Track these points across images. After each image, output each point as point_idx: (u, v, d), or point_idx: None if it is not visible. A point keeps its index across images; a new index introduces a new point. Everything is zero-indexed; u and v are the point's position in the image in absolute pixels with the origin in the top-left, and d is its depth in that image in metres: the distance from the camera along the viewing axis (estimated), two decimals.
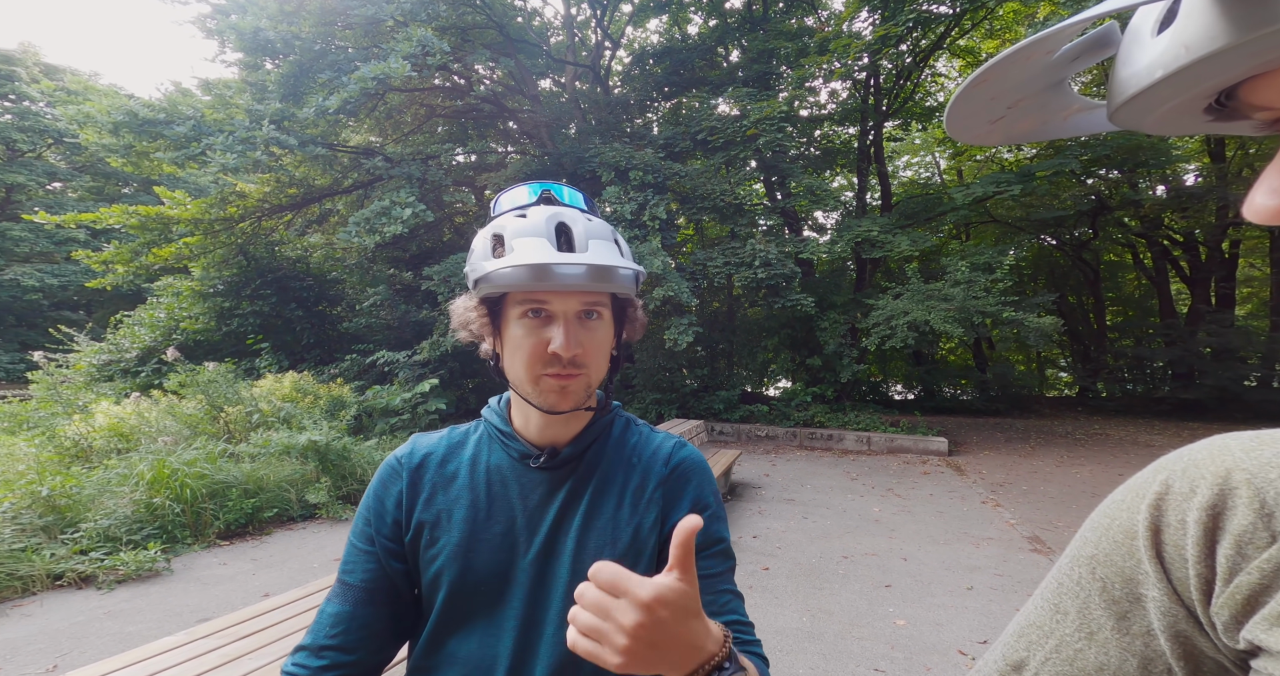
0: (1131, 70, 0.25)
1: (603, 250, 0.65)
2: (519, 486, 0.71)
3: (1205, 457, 0.35)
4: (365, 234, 7.07)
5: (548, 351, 0.65)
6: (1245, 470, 0.34)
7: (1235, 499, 0.34)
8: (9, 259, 15.87)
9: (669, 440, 0.78)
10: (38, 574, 3.02)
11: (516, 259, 0.61)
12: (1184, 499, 0.35)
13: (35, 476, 3.65)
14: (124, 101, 7.49)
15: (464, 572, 0.67)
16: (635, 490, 0.72)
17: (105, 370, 7.48)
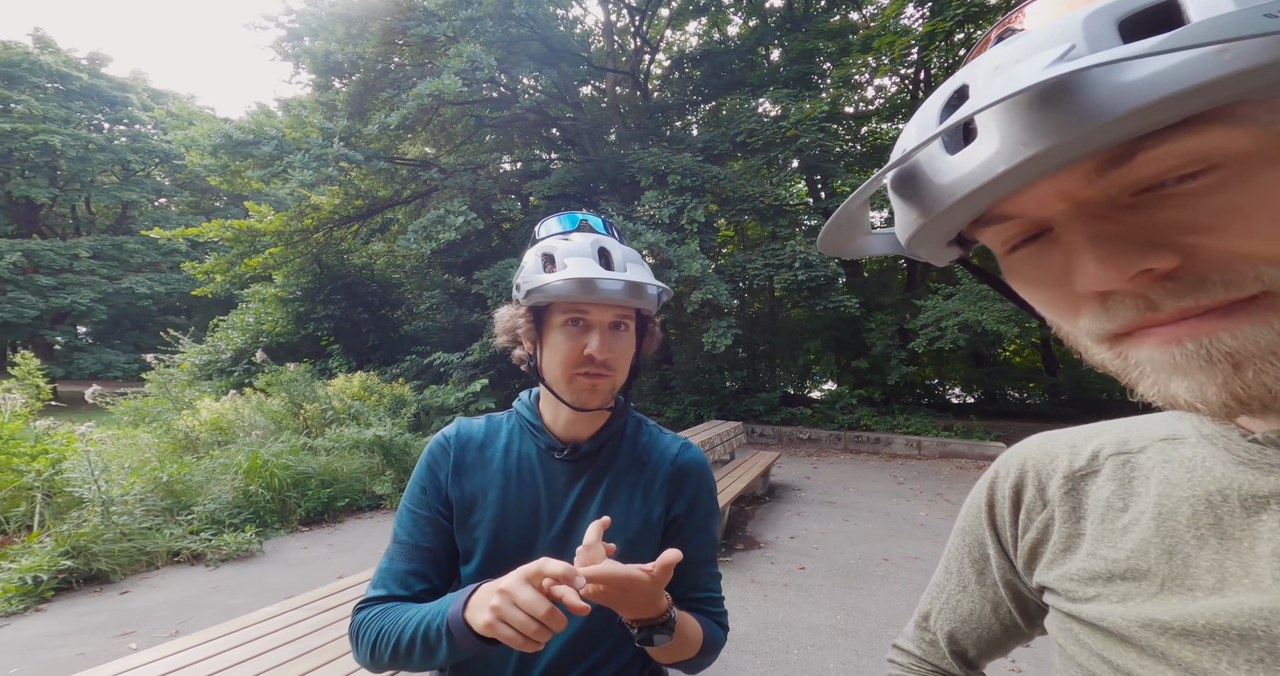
0: (901, 223, 0.31)
1: (638, 270, 0.78)
2: (544, 474, 0.82)
3: (1017, 451, 0.50)
4: (422, 241, 7.58)
5: (584, 354, 0.76)
6: (1034, 459, 0.48)
7: (1026, 479, 0.48)
8: (125, 269, 17.97)
9: (676, 441, 0.89)
10: (160, 550, 3.57)
11: (569, 273, 0.73)
12: (1002, 481, 0.50)
13: (156, 464, 4.28)
14: (220, 125, 8.34)
15: (495, 545, 0.79)
16: (645, 485, 0.83)
17: (205, 370, 8.44)
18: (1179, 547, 0.36)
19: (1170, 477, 0.39)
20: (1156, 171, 0.25)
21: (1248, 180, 0.25)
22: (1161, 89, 0.22)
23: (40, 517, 3.53)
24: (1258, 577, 0.33)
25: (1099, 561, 0.40)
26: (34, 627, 2.75)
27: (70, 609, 2.96)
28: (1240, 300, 0.26)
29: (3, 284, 15.57)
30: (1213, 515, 0.36)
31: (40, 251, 16.29)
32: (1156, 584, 0.37)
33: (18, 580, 2.94)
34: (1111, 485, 0.42)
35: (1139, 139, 0.25)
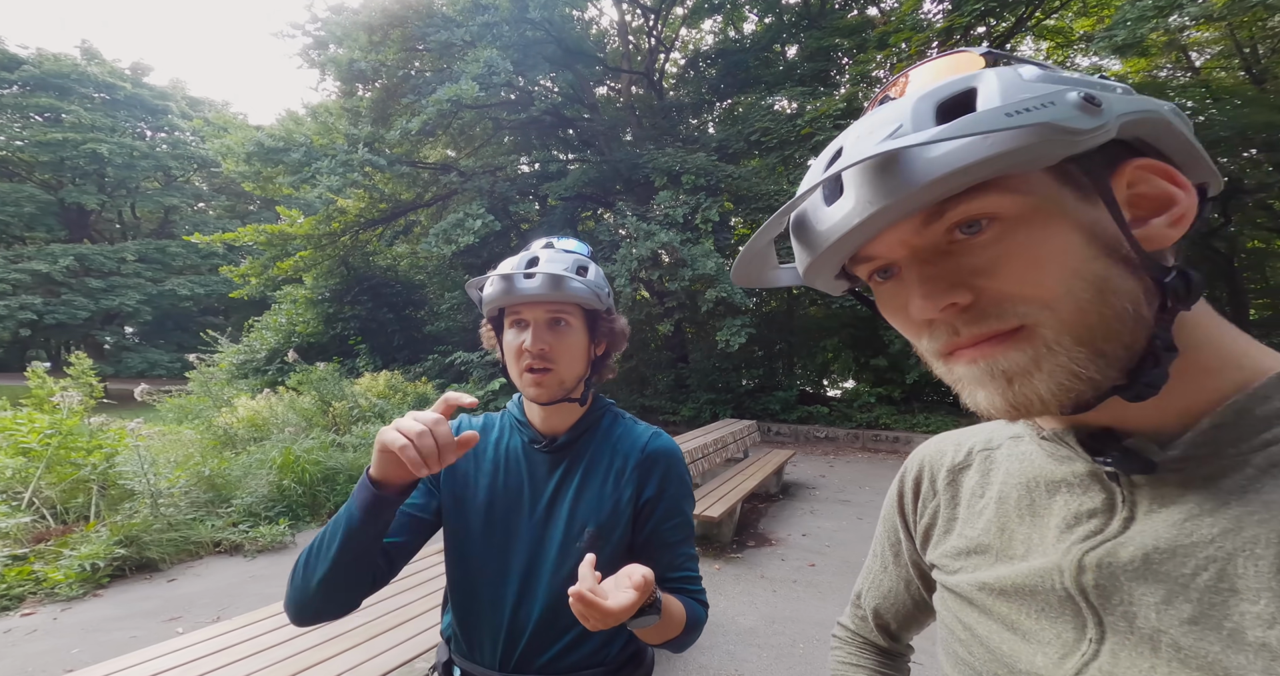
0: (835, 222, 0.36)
1: (559, 266, 0.85)
2: (528, 464, 0.93)
3: (919, 449, 0.58)
4: (443, 244, 7.79)
5: (520, 348, 0.86)
6: (930, 456, 0.56)
7: (923, 474, 0.56)
8: (168, 272, 18.88)
9: (647, 431, 0.97)
10: (204, 541, 3.82)
11: (487, 292, 0.87)
12: (908, 475, 0.58)
13: (199, 459, 4.56)
14: (252, 133, 8.67)
15: (486, 525, 0.90)
16: (617, 471, 0.91)
17: (241, 368, 8.85)
18: (1008, 524, 0.44)
19: (1009, 468, 0.46)
20: (963, 218, 0.34)
21: (1011, 236, 0.33)
22: (949, 164, 0.30)
23: (96, 508, 3.82)
24: (1046, 545, 0.40)
25: (963, 539, 0.48)
26: (92, 611, 3.00)
27: (124, 594, 3.22)
28: (1008, 330, 0.34)
29: (57, 287, 16.54)
30: (1029, 497, 0.43)
31: (90, 255, 17.24)
32: (993, 555, 0.45)
33: (78, 567, 3.21)
34: (977, 476, 0.50)
35: (949, 199, 0.32)
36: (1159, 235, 0.34)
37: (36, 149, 16.73)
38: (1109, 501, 0.38)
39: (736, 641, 2.75)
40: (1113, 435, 0.37)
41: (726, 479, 4.67)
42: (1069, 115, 0.29)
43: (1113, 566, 0.36)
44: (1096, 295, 0.33)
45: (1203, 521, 0.33)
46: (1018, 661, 0.40)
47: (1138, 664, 0.34)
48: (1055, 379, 0.33)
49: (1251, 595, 0.31)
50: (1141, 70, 8.71)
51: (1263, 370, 0.35)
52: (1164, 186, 0.34)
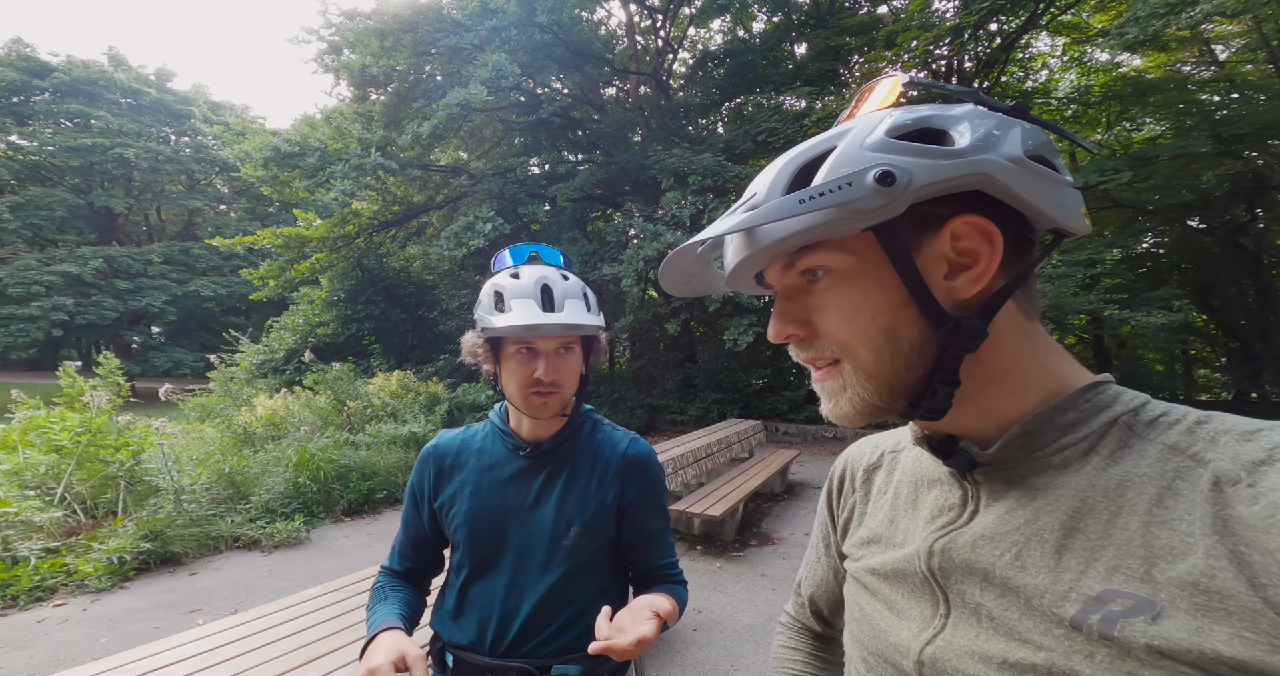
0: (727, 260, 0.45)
1: (576, 307, 0.92)
2: (512, 470, 0.99)
3: (846, 451, 0.64)
4: (454, 247, 7.93)
5: (534, 377, 0.92)
6: (853, 456, 0.62)
7: (846, 473, 0.62)
8: (192, 273, 19.40)
9: (625, 437, 1.05)
10: (223, 536, 3.98)
11: (513, 319, 0.88)
12: (835, 474, 0.63)
13: (219, 457, 4.73)
14: (269, 138, 8.87)
15: (473, 532, 0.97)
16: (599, 475, 0.99)
17: (261, 368, 9.10)
18: (896, 517, 0.51)
19: (905, 468, 0.53)
20: (806, 267, 0.42)
21: (835, 287, 0.42)
22: (774, 234, 0.39)
23: (124, 504, 4.00)
24: (915, 534, 0.47)
25: (866, 530, 0.54)
26: (119, 603, 3.16)
27: (149, 587, 3.38)
28: (833, 360, 0.43)
29: (87, 288, 17.11)
30: (914, 493, 0.50)
31: (118, 257, 17.81)
32: (883, 544, 0.51)
33: (106, 560, 3.37)
34: (884, 474, 0.56)
35: (800, 250, 0.41)
36: (962, 288, 0.40)
37: (67, 154, 17.31)
38: (964, 497, 0.45)
39: (734, 637, 2.81)
40: (954, 440, 0.45)
41: (730, 478, 4.71)
42: (860, 196, 0.36)
43: (951, 551, 0.43)
44: (887, 342, 0.40)
45: (1016, 513, 0.40)
46: (889, 635, 0.46)
47: (967, 633, 0.40)
48: (853, 404, 0.43)
49: (1034, 571, 0.37)
50: (1163, 65, 8.49)
51: (1069, 386, 0.41)
52: (976, 244, 0.39)
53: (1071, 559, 0.36)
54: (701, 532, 4.33)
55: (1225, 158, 7.58)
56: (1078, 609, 0.35)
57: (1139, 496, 0.36)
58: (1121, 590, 0.34)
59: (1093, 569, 0.35)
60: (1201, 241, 11.82)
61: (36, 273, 16.17)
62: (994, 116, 0.39)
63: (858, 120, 0.41)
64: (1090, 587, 0.35)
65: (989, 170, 0.36)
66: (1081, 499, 0.37)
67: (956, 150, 0.37)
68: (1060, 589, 0.36)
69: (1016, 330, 0.42)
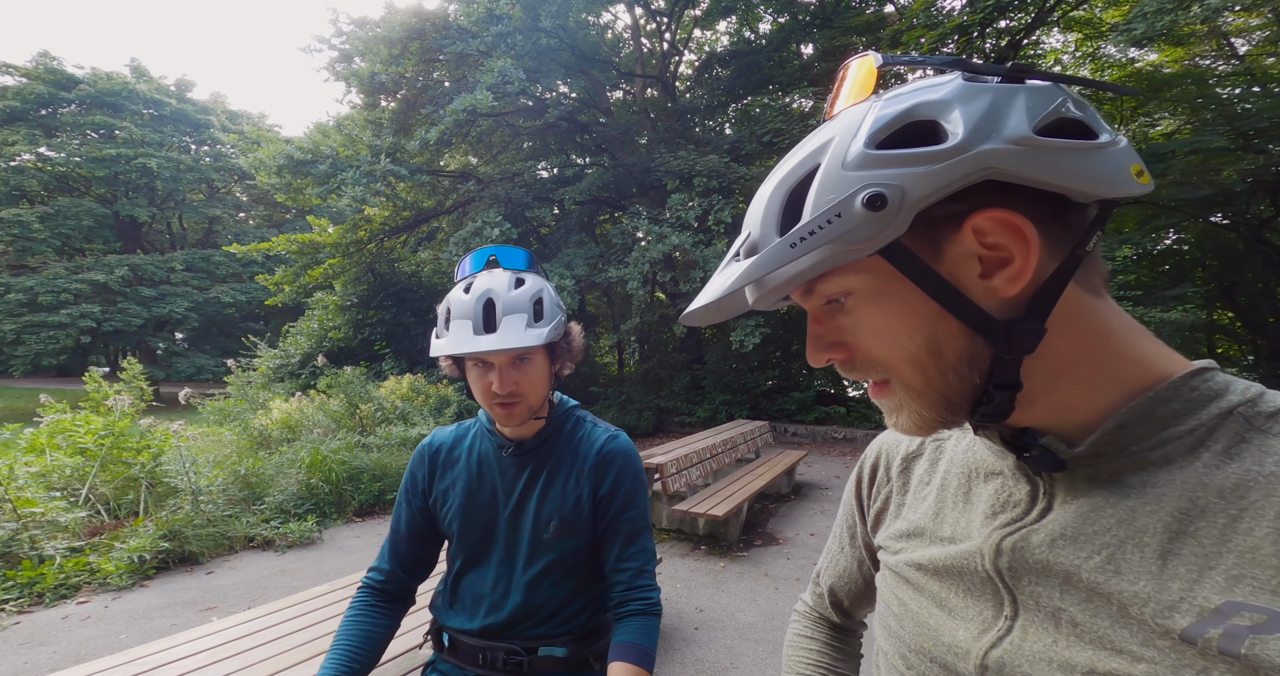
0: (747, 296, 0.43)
1: (515, 324, 0.89)
2: (498, 467, 1.05)
3: (878, 439, 0.61)
4: (463, 252, 8.03)
5: (490, 390, 0.93)
6: (887, 445, 0.59)
7: (880, 461, 0.59)
8: (213, 280, 19.86)
9: (604, 434, 1.07)
10: (239, 536, 4.09)
11: (446, 345, 0.89)
12: (865, 462, 0.61)
13: (235, 459, 4.87)
14: (283, 146, 9.02)
15: (464, 526, 1.03)
16: (577, 471, 1.03)
17: (278, 372, 9.29)
18: (944, 510, 0.48)
19: (954, 457, 0.50)
20: (826, 295, 0.40)
21: (862, 308, 0.39)
22: (781, 277, 0.37)
23: (145, 505, 4.14)
24: (972, 529, 0.44)
25: (906, 522, 0.51)
26: (139, 601, 3.28)
27: (167, 585, 3.49)
28: (881, 381, 0.41)
29: (113, 296, 17.61)
30: (967, 484, 0.47)
31: (143, 265, 18.30)
32: (927, 538, 0.48)
33: (127, 559, 3.50)
34: (926, 464, 0.53)
35: (815, 278, 0.38)
36: (1001, 289, 0.35)
37: (93, 164, 17.84)
38: (1033, 492, 0.41)
39: (735, 636, 2.83)
40: (1032, 434, 0.40)
41: (735, 479, 4.71)
42: (851, 226, 0.33)
43: (1024, 551, 0.39)
44: (930, 357, 0.37)
45: (1104, 512, 0.36)
46: (942, 634, 0.43)
47: (1042, 638, 0.37)
48: (912, 420, 0.40)
49: (1132, 577, 0.34)
50: (1180, 59, 8.30)
51: (1165, 374, 0.37)
52: (1004, 239, 0.35)
53: (1180, 565, 0.33)
54: (706, 533, 4.34)
55: (1247, 152, 7.37)
56: (1191, 621, 0.31)
57: (1267, 499, 0.32)
58: (1248, 603, 0.30)
59: (1208, 578, 0.32)
60: (1225, 237, 11.47)
61: (65, 281, 16.69)
62: (988, 88, 0.34)
63: (838, 122, 0.37)
64: (1207, 599, 0.31)
65: (992, 163, 0.32)
66: (1191, 499, 0.34)
67: (950, 148, 0.33)
68: (1167, 598, 0.32)
69: (1082, 313, 0.37)
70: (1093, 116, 0.35)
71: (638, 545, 1.02)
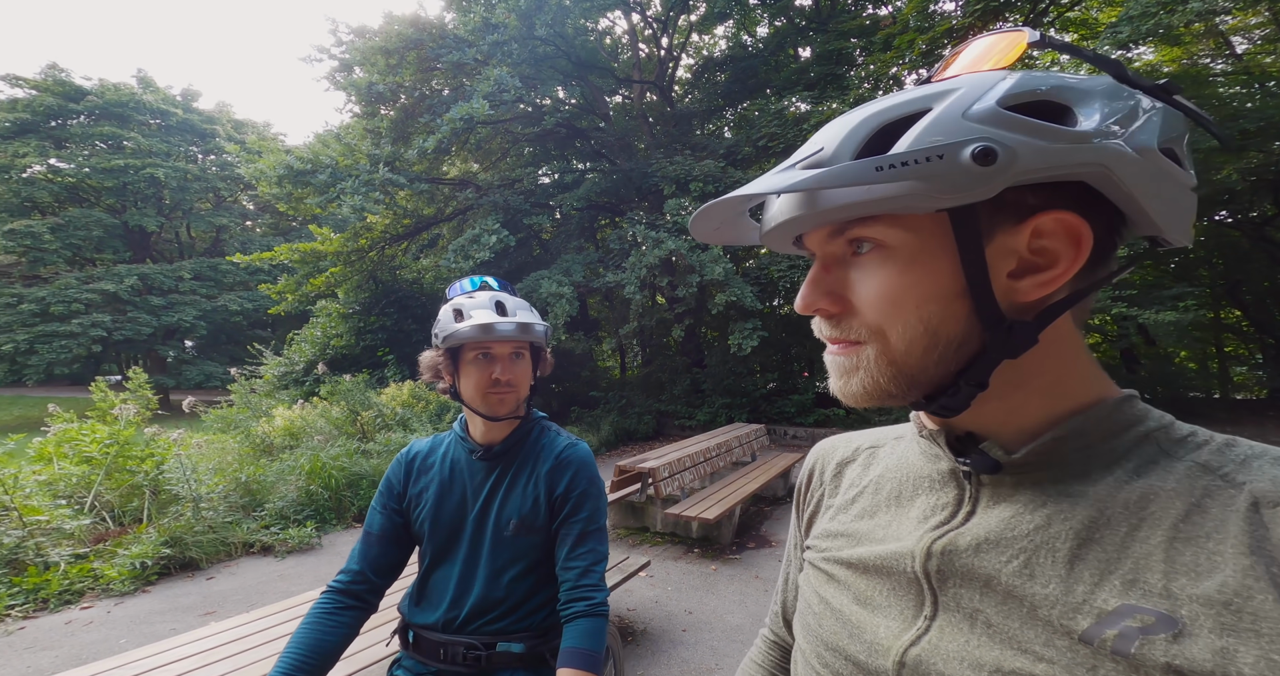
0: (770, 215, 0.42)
1: (525, 314, 1.11)
2: (468, 470, 1.15)
3: (815, 448, 0.63)
4: (461, 260, 8.13)
5: (492, 378, 1.08)
6: (823, 453, 0.61)
7: (815, 469, 0.60)
8: (220, 288, 20.12)
9: (565, 440, 1.18)
10: (238, 542, 4.17)
11: (474, 321, 1.05)
12: (803, 471, 0.62)
13: (236, 466, 4.95)
14: (283, 156, 9.10)
15: (434, 525, 1.11)
16: (536, 474, 1.13)
17: (282, 380, 9.40)
18: (876, 512, 0.49)
19: (888, 464, 0.51)
20: (852, 240, 0.39)
21: (882, 264, 0.38)
22: (837, 199, 0.35)
23: (148, 512, 4.22)
24: (903, 532, 0.45)
25: (835, 523, 0.53)
26: (140, 606, 3.35)
27: (169, 591, 3.57)
28: (854, 340, 0.41)
29: (123, 305, 17.88)
30: (899, 490, 0.48)
31: (152, 274, 18.58)
32: (857, 538, 0.49)
33: (130, 565, 3.58)
34: (859, 469, 0.55)
35: (861, 220, 0.37)
36: (1025, 291, 0.36)
37: (102, 175, 18.12)
38: (959, 497, 0.43)
39: (721, 637, 2.86)
40: (974, 439, 0.42)
41: (729, 482, 4.74)
42: (950, 172, 0.32)
43: (952, 555, 0.40)
44: (926, 333, 0.37)
45: (1023, 518, 0.38)
46: (863, 631, 0.44)
47: (957, 638, 0.38)
48: (864, 385, 0.40)
49: (1044, 580, 0.35)
50: (1177, 58, 8.28)
51: (1101, 397, 0.39)
52: (1059, 245, 0.35)
53: (1085, 570, 0.35)
54: (699, 535, 4.38)
55: (1248, 150, 7.35)
56: (1090, 622, 0.33)
57: (1163, 511, 0.34)
58: (1140, 605, 0.32)
59: (1108, 582, 0.34)
60: (1230, 235, 11.36)
61: (76, 291, 16.96)
62: (1134, 95, 0.34)
63: (964, 79, 0.35)
64: (1105, 601, 0.33)
65: (1108, 162, 0.32)
66: (1099, 510, 0.36)
67: (1077, 133, 0.32)
68: (1072, 600, 0.34)
69: (1063, 332, 0.39)
70: (1190, 159, 0.35)
71: (587, 546, 1.09)
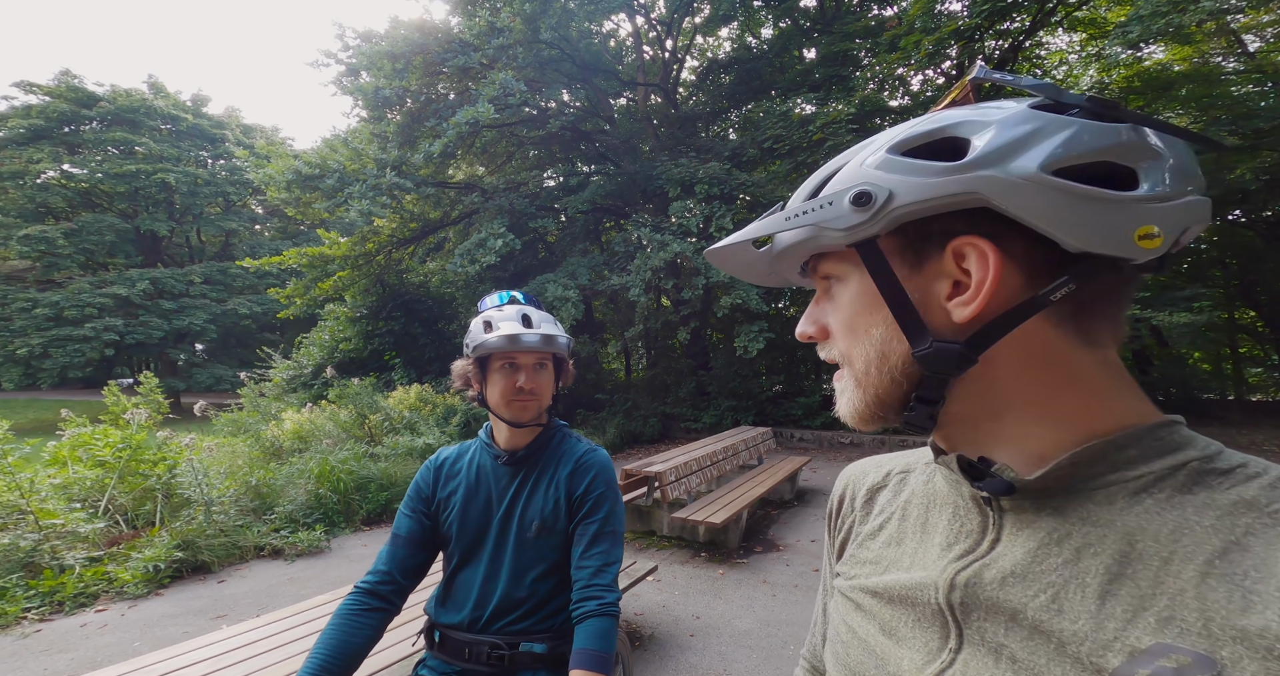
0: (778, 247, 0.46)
1: (550, 328, 1.18)
2: (494, 475, 1.21)
3: (846, 471, 0.62)
4: (467, 264, 8.16)
5: (516, 386, 1.15)
6: (854, 477, 0.59)
7: (846, 494, 0.59)
8: (230, 292, 20.32)
9: (585, 445, 1.25)
10: (249, 545, 4.20)
11: (501, 332, 1.13)
12: (834, 496, 0.61)
13: (247, 470, 4.99)
14: (291, 162, 9.20)
15: (461, 527, 1.17)
16: (557, 478, 1.18)
17: (291, 383, 9.48)
18: (903, 539, 0.49)
19: (916, 489, 0.51)
20: (821, 274, 0.45)
21: (840, 295, 0.44)
22: (781, 243, 0.44)
23: (160, 515, 4.27)
24: (928, 560, 0.45)
25: (866, 550, 0.52)
26: (153, 609, 3.39)
27: (181, 594, 3.61)
28: (838, 364, 0.45)
29: (135, 309, 18.10)
30: (925, 516, 0.48)
31: (163, 279, 18.79)
32: (884, 566, 0.48)
33: (143, 568, 3.62)
34: (889, 495, 0.54)
35: (815, 257, 0.44)
36: (955, 311, 0.38)
37: (114, 180, 18.37)
38: (984, 524, 0.42)
39: (730, 643, 2.85)
40: (985, 462, 0.42)
41: (736, 486, 4.73)
42: (836, 215, 0.38)
43: (977, 587, 0.40)
44: (878, 356, 0.41)
45: (1051, 550, 0.37)
46: (888, 662, 0.44)
47: (981, 672, 0.38)
48: (851, 407, 0.44)
49: (1073, 615, 0.35)
50: (1188, 57, 8.20)
51: (1129, 422, 0.38)
52: (975, 266, 0.37)
53: (1117, 606, 0.34)
54: (707, 540, 4.37)
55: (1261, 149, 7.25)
56: (1121, 661, 0.32)
57: (1197, 546, 0.33)
58: (1175, 645, 0.31)
59: (1141, 619, 0.32)
60: (1243, 236, 11.20)
61: (89, 295, 17.19)
62: (1042, 118, 0.34)
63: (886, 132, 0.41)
64: (1139, 639, 0.32)
65: (979, 188, 0.33)
66: (1130, 542, 0.35)
67: (952, 166, 0.34)
68: (1103, 638, 0.33)
69: (1055, 357, 0.38)
70: (1156, 166, 0.34)
71: (601, 547, 1.13)
